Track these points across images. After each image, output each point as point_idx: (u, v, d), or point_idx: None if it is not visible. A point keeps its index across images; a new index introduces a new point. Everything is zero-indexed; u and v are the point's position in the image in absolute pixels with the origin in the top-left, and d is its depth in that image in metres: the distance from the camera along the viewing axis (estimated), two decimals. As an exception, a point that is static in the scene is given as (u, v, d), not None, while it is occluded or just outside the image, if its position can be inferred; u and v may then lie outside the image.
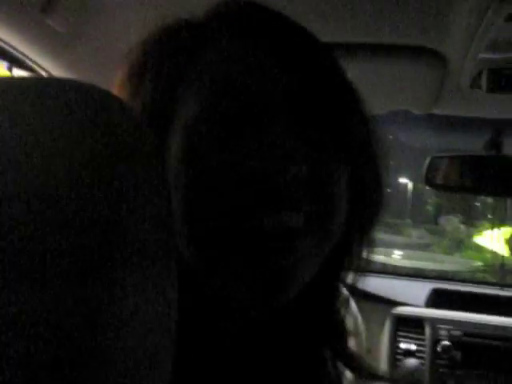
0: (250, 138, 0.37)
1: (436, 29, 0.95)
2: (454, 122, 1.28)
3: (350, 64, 0.45)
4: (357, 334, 1.23)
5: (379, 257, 2.14)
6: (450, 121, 1.26)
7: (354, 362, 0.47)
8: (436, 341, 1.60)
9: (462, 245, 3.83)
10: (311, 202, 0.37)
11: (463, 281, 2.11)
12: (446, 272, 2.38)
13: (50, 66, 0.97)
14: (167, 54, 0.42)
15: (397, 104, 1.21)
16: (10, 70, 2.35)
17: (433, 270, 2.56)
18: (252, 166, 0.36)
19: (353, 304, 1.07)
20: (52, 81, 0.30)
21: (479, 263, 3.25)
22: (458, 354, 1.57)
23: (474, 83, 1.05)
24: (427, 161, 1.40)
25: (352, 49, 0.97)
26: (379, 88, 1.13)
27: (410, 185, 4.38)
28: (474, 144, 1.39)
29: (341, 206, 0.39)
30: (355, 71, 0.46)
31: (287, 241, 0.35)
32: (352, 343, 0.50)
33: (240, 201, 0.36)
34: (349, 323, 0.48)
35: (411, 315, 1.64)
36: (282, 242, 0.35)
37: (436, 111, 1.18)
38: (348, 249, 0.44)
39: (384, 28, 0.94)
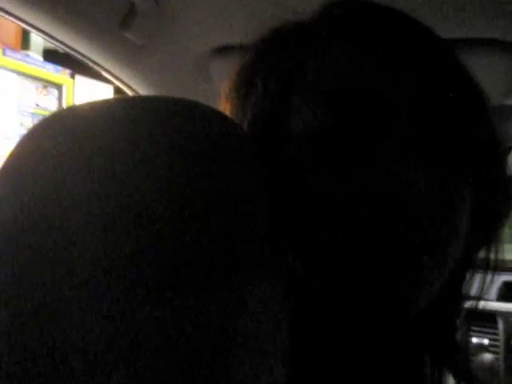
0: (371, 151, 0.35)
1: (507, 20, 0.92)
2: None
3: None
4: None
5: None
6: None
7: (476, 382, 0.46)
8: (510, 335, 1.57)
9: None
10: (432, 219, 0.34)
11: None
12: (510, 261, 2.29)
13: (126, 77, 1.00)
14: (279, 58, 0.40)
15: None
16: (72, 76, 2.44)
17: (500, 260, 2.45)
18: (371, 182, 0.34)
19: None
20: (161, 100, 0.30)
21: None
22: (533, 349, 1.54)
23: (548, 73, 1.02)
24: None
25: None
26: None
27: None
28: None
29: (463, 221, 0.37)
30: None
31: (409, 258, 0.34)
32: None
33: (359, 219, 0.34)
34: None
35: (483, 309, 1.60)
36: (404, 258, 0.34)
37: (507, 102, 1.16)
38: (472, 262, 0.42)
39: (452, 22, 0.93)
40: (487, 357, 1.55)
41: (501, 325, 1.60)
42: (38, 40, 2.44)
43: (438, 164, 0.35)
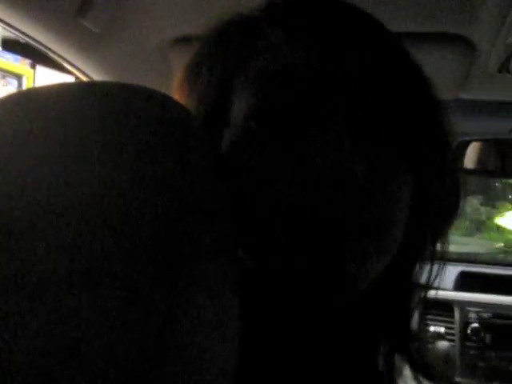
0: (306, 133, 0.35)
1: (463, 14, 0.94)
2: (480, 107, 1.28)
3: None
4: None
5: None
6: (477, 105, 1.26)
7: (431, 371, 0.45)
8: (465, 323, 1.62)
9: (482, 226, 3.76)
10: (368, 202, 0.35)
11: (485, 263, 2.10)
12: (468, 254, 2.36)
13: (83, 66, 0.99)
14: (223, 48, 0.41)
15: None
16: (33, 66, 2.38)
17: (456, 253, 2.54)
18: (306, 164, 0.34)
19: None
20: (117, 86, 0.30)
21: (500, 244, 3.21)
22: (487, 336, 1.59)
23: (503, 68, 1.05)
24: (454, 145, 1.39)
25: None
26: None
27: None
28: (501, 128, 1.39)
29: (402, 206, 0.37)
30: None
31: (342, 239, 0.34)
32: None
33: (295, 200, 0.34)
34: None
35: (440, 298, 1.65)
36: (337, 240, 0.34)
37: (463, 96, 1.18)
38: (420, 251, 0.42)
39: (410, 15, 0.95)
40: (443, 344, 1.60)
41: (457, 314, 1.65)
42: (-4, 29, 2.37)
43: (374, 148, 0.36)
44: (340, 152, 0.34)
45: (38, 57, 2.27)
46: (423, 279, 0.44)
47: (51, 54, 0.97)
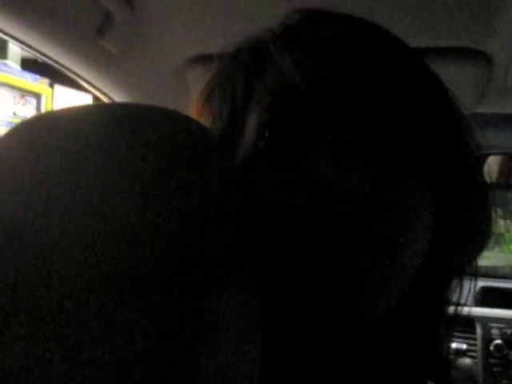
0: (315, 149, 0.34)
1: (481, 29, 0.94)
2: (498, 120, 1.27)
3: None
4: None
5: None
6: (494, 119, 1.25)
7: None
8: (488, 340, 1.59)
9: (501, 239, 3.70)
10: (382, 218, 0.33)
11: (505, 277, 2.08)
12: (487, 268, 2.32)
13: (102, 85, 1.01)
14: (234, 72, 0.41)
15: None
16: (51, 86, 2.42)
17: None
18: (314, 183, 0.33)
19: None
20: (135, 107, 0.30)
21: (521, 257, 3.17)
22: (511, 353, 1.56)
23: (521, 81, 1.05)
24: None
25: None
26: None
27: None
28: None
29: (423, 225, 0.35)
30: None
31: (352, 255, 0.33)
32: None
33: (304, 215, 0.33)
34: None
35: (461, 314, 1.61)
36: (348, 256, 0.33)
37: (480, 110, 1.17)
38: (450, 270, 0.41)
39: (426, 30, 0.95)
40: (466, 362, 1.57)
41: (479, 330, 1.62)
42: (15, 49, 2.42)
43: (388, 162, 0.34)
44: (350, 168, 0.33)
45: (56, 76, 2.31)
46: (452, 297, 0.43)
47: (70, 74, 0.99)
